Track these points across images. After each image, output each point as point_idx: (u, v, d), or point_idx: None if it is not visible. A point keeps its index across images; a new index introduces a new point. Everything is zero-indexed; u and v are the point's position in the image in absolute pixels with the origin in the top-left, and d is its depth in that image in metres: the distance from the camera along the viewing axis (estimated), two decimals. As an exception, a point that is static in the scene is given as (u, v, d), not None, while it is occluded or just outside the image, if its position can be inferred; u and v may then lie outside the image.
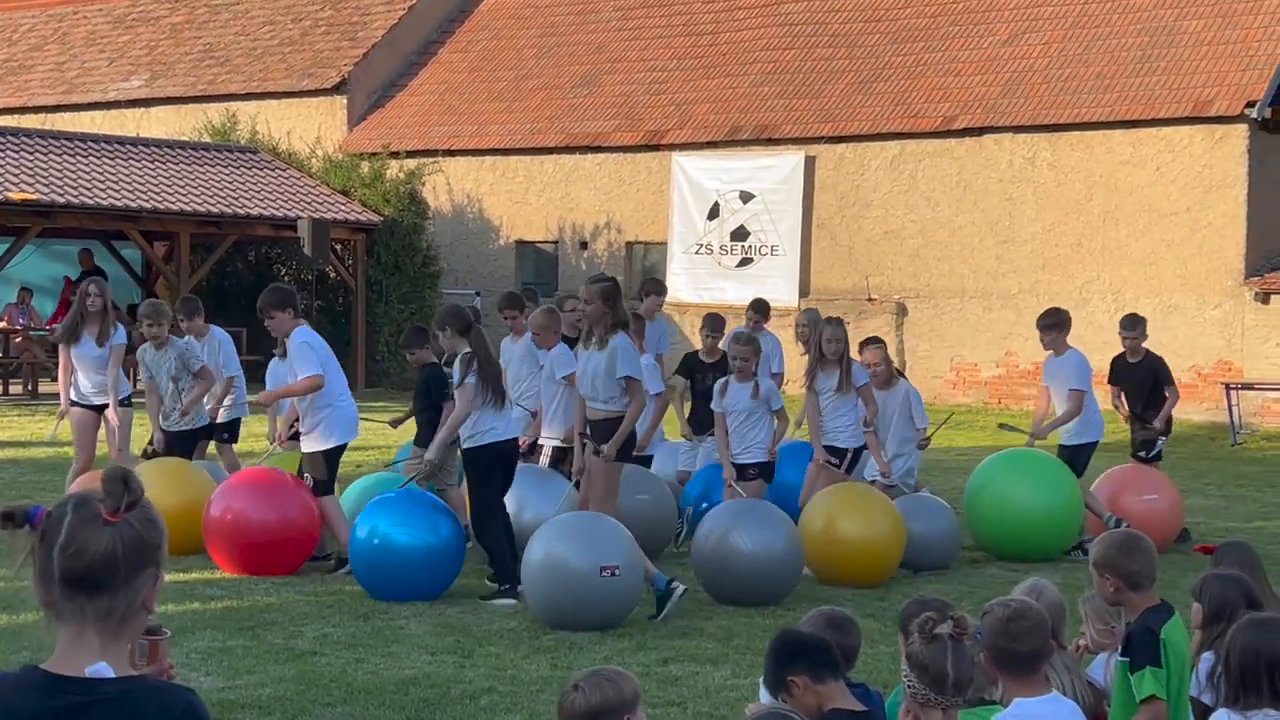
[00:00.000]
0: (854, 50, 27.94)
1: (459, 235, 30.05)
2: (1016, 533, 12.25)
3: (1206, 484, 17.51)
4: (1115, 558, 5.30)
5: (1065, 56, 25.72)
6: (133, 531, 2.62)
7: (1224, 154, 23.60)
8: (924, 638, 4.19)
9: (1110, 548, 5.35)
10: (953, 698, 4.21)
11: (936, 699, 4.20)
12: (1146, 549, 5.36)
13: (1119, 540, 5.39)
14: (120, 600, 2.62)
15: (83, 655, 2.61)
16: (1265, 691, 4.64)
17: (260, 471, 11.54)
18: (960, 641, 4.21)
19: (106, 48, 35.77)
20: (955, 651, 4.18)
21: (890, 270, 26.14)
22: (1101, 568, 5.32)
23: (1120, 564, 5.27)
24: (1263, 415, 23.17)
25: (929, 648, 4.18)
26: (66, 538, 2.60)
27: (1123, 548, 5.31)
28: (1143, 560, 5.29)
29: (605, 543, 9.52)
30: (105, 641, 2.62)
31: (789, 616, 9.95)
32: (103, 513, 2.61)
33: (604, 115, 29.18)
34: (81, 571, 2.59)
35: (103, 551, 2.60)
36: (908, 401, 12.55)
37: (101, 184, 25.67)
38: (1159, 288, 24.00)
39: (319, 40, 32.93)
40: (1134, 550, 5.30)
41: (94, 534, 2.60)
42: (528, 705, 7.76)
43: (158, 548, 2.68)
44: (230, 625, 9.48)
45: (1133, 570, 5.26)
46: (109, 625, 2.62)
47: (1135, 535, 5.45)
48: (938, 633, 4.18)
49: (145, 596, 2.66)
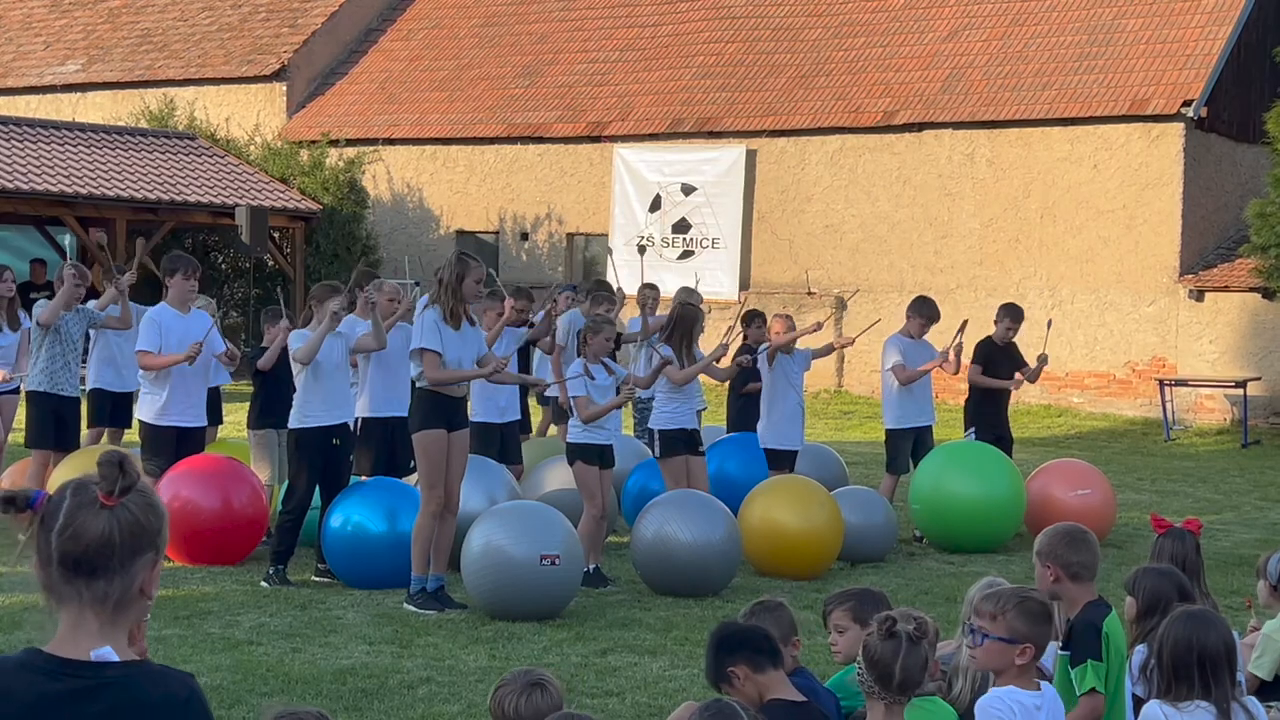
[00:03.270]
0: (796, 44, 28.02)
1: (399, 224, 29.93)
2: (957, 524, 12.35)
3: (1139, 479, 17.68)
4: (1059, 548, 5.35)
5: (1005, 54, 25.90)
6: (130, 516, 2.62)
7: (1160, 152, 23.84)
8: (881, 634, 4.24)
9: (1054, 538, 5.40)
10: (896, 695, 4.26)
11: (880, 693, 4.25)
12: (1090, 542, 5.42)
13: (1064, 532, 5.44)
14: (117, 584, 2.62)
15: (84, 639, 2.61)
16: (1197, 684, 4.70)
17: (210, 458, 11.44)
18: (917, 644, 4.25)
19: (43, 31, 35.37)
20: (909, 653, 4.22)
21: (830, 264, 26.25)
22: (1044, 557, 5.36)
23: (1063, 555, 5.31)
24: (1196, 411, 23.42)
25: (884, 644, 4.23)
26: (64, 521, 2.60)
27: (1066, 539, 5.36)
28: (1085, 553, 5.34)
29: (545, 532, 9.52)
30: (104, 625, 2.63)
31: (727, 608, 9.99)
32: (99, 496, 2.61)
33: (545, 106, 29.13)
34: (78, 555, 2.60)
35: (99, 535, 2.60)
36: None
37: (37, 169, 25.39)
38: (1095, 284, 24.21)
39: (259, 26, 32.69)
40: (1077, 542, 5.35)
41: (90, 517, 2.60)
42: (466, 696, 7.76)
43: (157, 533, 2.67)
44: (166, 614, 9.42)
45: (1074, 561, 5.30)
46: (105, 609, 2.62)
47: (1080, 528, 5.50)
48: (895, 631, 4.23)
49: (144, 581, 2.66)
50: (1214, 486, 17.32)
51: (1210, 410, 23.41)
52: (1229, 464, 19.69)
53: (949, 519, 12.42)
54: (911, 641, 4.23)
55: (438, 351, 9.71)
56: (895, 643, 4.22)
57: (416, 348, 9.83)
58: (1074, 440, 21.60)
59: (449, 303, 9.76)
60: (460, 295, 9.79)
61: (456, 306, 9.79)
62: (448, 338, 9.76)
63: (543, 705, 4.32)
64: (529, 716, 4.29)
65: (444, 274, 9.86)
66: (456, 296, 9.78)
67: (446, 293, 9.78)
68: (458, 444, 9.95)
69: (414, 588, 9.88)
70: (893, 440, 13.38)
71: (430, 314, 9.81)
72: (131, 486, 2.63)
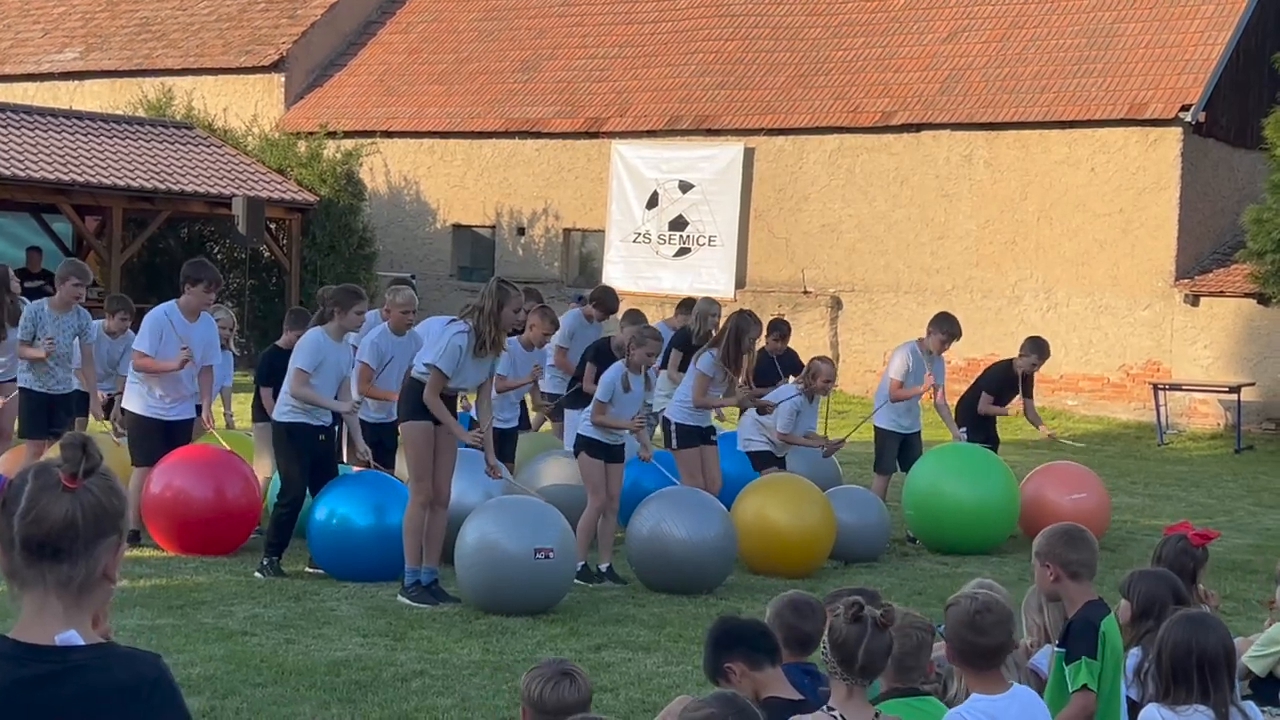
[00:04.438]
0: (795, 43, 28.01)
1: (395, 218, 29.90)
2: (951, 527, 12.36)
3: (1133, 483, 17.70)
4: (1057, 548, 5.38)
5: (1004, 56, 25.89)
6: (93, 499, 2.61)
7: (1158, 156, 23.85)
8: (847, 617, 4.25)
9: (1053, 538, 5.43)
10: (858, 679, 4.27)
11: (843, 675, 4.26)
12: (1089, 541, 5.44)
13: (1062, 531, 5.47)
14: (81, 567, 2.61)
15: (49, 623, 2.60)
16: (1196, 687, 4.70)
17: (202, 449, 11.42)
18: (882, 630, 4.27)
19: (41, 19, 35.30)
20: (872, 638, 4.24)
21: (826, 264, 26.25)
22: (1043, 557, 5.39)
23: (1062, 554, 5.34)
24: (1189, 416, 23.45)
25: (849, 627, 4.24)
26: (26, 504, 2.59)
27: (1065, 538, 5.39)
28: (1084, 551, 5.36)
29: (540, 526, 9.52)
30: (68, 609, 2.61)
31: (721, 605, 10.01)
32: (61, 479, 2.59)
33: (544, 101, 29.11)
34: (40, 538, 2.58)
35: (62, 518, 2.59)
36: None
37: (34, 156, 25.34)
38: (1090, 287, 24.22)
39: (258, 17, 32.65)
40: (1076, 541, 5.37)
41: (53, 500, 2.59)
42: (459, 689, 7.76)
43: (120, 515, 2.66)
44: (159, 604, 9.42)
45: (1073, 560, 5.32)
46: (69, 592, 2.61)
47: (1079, 528, 5.53)
48: (861, 616, 4.24)
49: (107, 565, 2.64)
50: (1207, 491, 17.34)
51: (1204, 415, 23.44)
52: (1222, 469, 19.71)
53: (944, 521, 12.42)
54: (877, 627, 4.24)
55: (447, 376, 9.64)
56: (860, 627, 4.23)
57: (431, 362, 9.69)
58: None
59: (490, 332, 9.62)
60: (498, 324, 9.66)
61: (498, 336, 9.69)
62: (465, 364, 9.67)
63: (567, 696, 4.35)
64: (552, 704, 4.33)
65: (485, 302, 9.66)
66: (497, 325, 9.66)
67: (488, 322, 9.62)
68: (446, 437, 9.87)
69: (408, 580, 9.87)
70: (881, 439, 13.38)
71: (461, 339, 9.62)
72: (95, 469, 2.62)
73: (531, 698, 4.41)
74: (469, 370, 9.76)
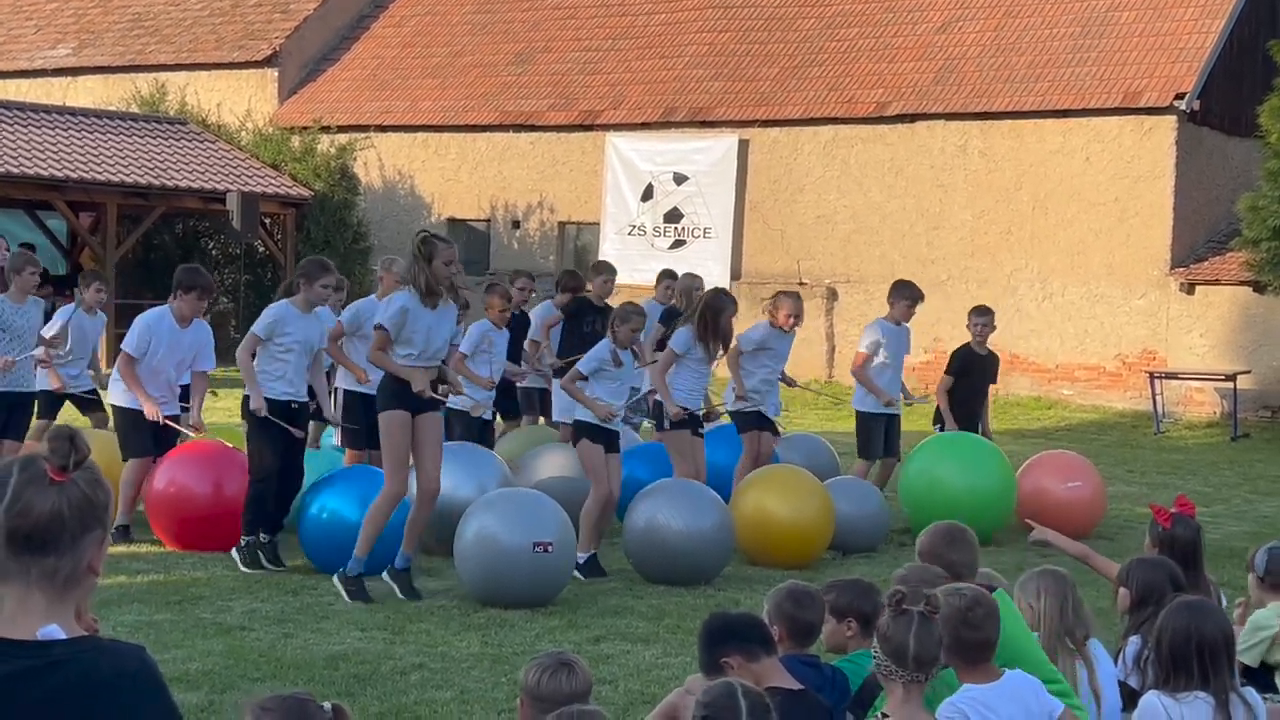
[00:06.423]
0: (789, 34, 27.99)
1: (390, 212, 29.87)
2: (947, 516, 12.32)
3: (1129, 471, 17.70)
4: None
5: (998, 45, 25.88)
6: (79, 492, 2.59)
7: (1152, 145, 23.85)
8: (893, 611, 4.25)
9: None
10: (913, 673, 4.26)
11: (897, 672, 4.25)
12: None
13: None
14: (66, 561, 2.59)
15: (31, 617, 2.58)
16: (1196, 674, 4.70)
17: (205, 444, 11.39)
18: (929, 619, 4.26)
19: (34, 15, 35.24)
20: (921, 628, 4.23)
21: (821, 255, 26.24)
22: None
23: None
24: (1185, 404, 23.45)
25: (895, 621, 4.25)
26: (12, 497, 2.57)
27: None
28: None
29: (538, 519, 9.51)
30: (51, 602, 2.59)
31: (719, 596, 10.01)
32: (49, 472, 2.58)
33: (538, 94, 29.08)
34: (27, 530, 2.56)
35: (49, 511, 2.57)
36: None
37: (27, 153, 25.31)
38: (1086, 276, 24.23)
39: (250, 12, 32.60)
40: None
41: (40, 493, 2.57)
42: (458, 682, 7.75)
43: (105, 509, 2.65)
44: (157, 599, 9.41)
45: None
46: (54, 585, 2.59)
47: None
48: (906, 608, 4.23)
49: (91, 558, 2.62)
50: (1204, 479, 17.35)
51: (1200, 403, 23.45)
52: (1218, 457, 19.72)
53: (939, 511, 12.37)
54: (924, 617, 4.24)
55: (388, 331, 9.43)
56: (907, 619, 4.23)
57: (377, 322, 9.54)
58: (1063, 432, 21.61)
59: (429, 281, 9.42)
60: (433, 273, 9.44)
61: (437, 285, 9.45)
62: (420, 318, 9.46)
63: (565, 686, 4.34)
64: (549, 693, 4.32)
65: (415, 263, 9.52)
66: (432, 274, 9.43)
67: (422, 273, 9.44)
68: (427, 426, 9.64)
69: (351, 568, 9.64)
70: (863, 423, 13.16)
71: (402, 297, 9.51)
72: (83, 461, 2.61)
73: (531, 688, 4.40)
74: (431, 325, 9.51)
